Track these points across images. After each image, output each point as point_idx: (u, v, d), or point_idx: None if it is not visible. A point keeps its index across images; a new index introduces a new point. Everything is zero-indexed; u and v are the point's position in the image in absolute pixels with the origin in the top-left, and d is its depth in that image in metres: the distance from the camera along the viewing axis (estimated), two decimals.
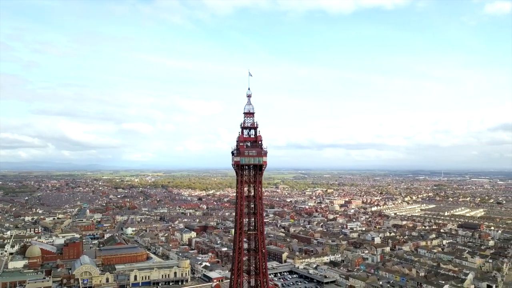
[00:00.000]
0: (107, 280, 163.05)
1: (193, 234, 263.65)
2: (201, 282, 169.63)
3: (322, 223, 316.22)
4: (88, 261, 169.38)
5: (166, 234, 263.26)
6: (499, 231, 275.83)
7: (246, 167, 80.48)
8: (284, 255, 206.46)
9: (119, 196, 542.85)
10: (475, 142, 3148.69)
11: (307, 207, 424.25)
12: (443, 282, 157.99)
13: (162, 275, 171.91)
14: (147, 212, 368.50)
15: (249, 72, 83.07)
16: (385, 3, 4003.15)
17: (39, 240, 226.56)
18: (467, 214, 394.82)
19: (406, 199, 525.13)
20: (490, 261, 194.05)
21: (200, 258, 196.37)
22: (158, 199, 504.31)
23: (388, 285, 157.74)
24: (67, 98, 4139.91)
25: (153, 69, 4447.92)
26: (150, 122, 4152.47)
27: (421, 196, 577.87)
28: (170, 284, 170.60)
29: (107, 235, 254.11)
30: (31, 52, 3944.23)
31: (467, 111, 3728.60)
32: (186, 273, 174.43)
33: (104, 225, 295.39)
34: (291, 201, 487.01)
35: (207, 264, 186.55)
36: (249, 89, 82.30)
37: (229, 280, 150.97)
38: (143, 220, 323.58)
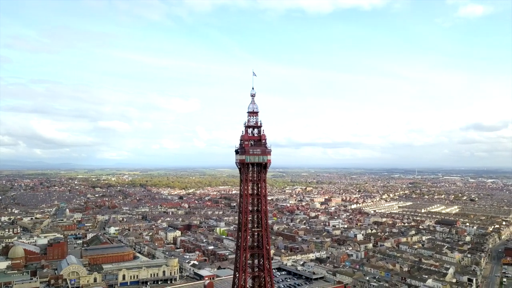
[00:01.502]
0: (95, 280, 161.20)
1: (178, 233, 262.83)
2: (190, 280, 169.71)
3: (304, 221, 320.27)
4: (75, 261, 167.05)
5: (151, 233, 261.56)
6: (474, 227, 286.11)
7: (250, 165, 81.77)
8: (271, 253, 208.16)
9: (97, 195, 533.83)
10: (447, 141, 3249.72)
11: (288, 205, 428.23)
12: (426, 276, 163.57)
13: (151, 274, 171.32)
14: (128, 212, 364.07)
15: (253, 72, 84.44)
16: (362, 4, 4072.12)
17: (20, 240, 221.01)
18: (443, 211, 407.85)
19: (383, 196, 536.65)
20: (469, 255, 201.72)
21: (187, 257, 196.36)
22: (138, 198, 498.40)
23: (375, 281, 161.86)
24: (39, 95, 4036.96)
25: (129, 66, 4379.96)
26: (126, 120, 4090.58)
27: (398, 193, 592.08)
28: (159, 283, 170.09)
29: (89, 235, 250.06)
30: (0, 46, 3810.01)
31: (441, 110, 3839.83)
32: (174, 272, 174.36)
33: (86, 224, 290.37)
34: (272, 199, 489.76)
35: (195, 262, 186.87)
36: (253, 88, 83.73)
37: (219, 278, 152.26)
38: (125, 220, 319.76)
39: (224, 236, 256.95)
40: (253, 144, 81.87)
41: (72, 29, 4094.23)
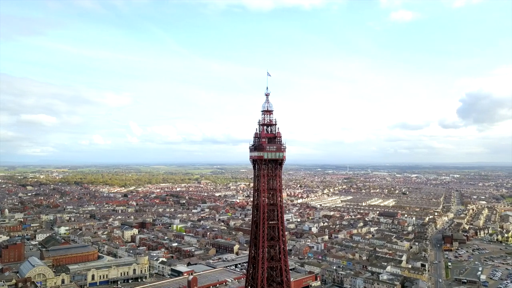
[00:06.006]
0: (63, 281, 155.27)
1: (135, 231, 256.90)
2: (160, 278, 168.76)
3: None
4: (40, 262, 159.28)
5: (106, 232, 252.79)
6: (413, 218, 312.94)
7: (267, 161, 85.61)
8: (236, 247, 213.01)
9: (30, 194, 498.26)
10: (375, 138, 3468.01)
11: (238, 200, 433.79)
12: (385, 264, 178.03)
13: (121, 273, 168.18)
14: (74, 210, 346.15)
15: (268, 72, 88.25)
16: (303, 3, 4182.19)
17: None
18: (381, 204, 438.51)
19: (325, 191, 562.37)
20: (416, 244, 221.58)
21: (154, 254, 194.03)
22: (77, 197, 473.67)
23: (341, 269, 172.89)
24: None
25: (56, 56, 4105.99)
26: (53, 113, 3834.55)
27: (337, 188, 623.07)
28: (130, 281, 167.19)
29: (39, 236, 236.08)
30: None
31: (371, 110, 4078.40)
32: (145, 270, 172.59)
33: (32, 225, 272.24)
34: (220, 195, 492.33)
35: (164, 259, 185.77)
36: (267, 88, 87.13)
37: (197, 273, 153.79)
38: (72, 219, 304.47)
39: (183, 233, 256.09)
40: (268, 141, 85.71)
41: None
